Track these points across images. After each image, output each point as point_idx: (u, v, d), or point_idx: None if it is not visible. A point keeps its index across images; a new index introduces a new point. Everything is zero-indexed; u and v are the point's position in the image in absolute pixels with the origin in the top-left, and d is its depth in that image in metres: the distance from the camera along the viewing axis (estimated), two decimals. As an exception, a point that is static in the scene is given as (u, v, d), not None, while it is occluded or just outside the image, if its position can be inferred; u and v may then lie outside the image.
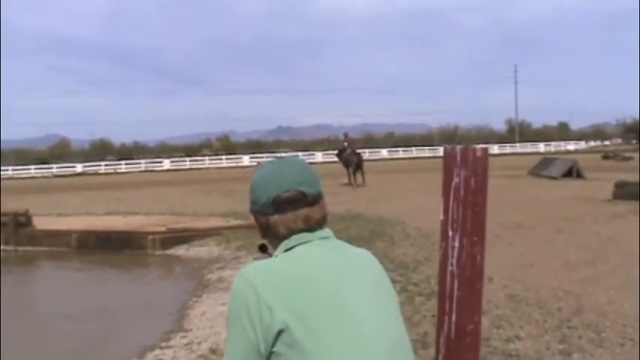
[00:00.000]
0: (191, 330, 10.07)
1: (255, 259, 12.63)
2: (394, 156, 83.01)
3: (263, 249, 2.31)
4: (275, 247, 2.20)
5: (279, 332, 1.92)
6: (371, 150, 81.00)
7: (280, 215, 2.15)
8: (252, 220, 2.27)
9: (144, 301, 13.14)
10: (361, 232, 16.08)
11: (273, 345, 1.93)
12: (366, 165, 33.75)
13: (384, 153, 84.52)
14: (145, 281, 15.45)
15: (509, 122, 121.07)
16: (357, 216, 19.27)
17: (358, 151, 34.03)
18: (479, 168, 2.25)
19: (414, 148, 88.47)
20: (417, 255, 12.93)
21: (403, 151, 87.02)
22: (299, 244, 2.12)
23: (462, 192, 2.25)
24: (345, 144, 33.69)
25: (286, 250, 2.13)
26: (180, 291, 13.42)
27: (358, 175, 32.43)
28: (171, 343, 9.50)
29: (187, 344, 9.26)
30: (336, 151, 34.88)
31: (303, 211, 2.15)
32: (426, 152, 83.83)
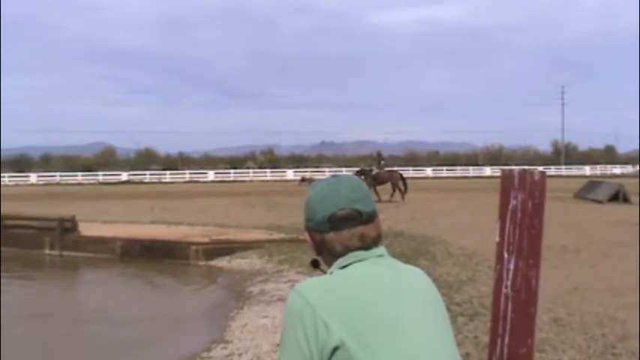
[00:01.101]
0: (232, 341, 10.07)
1: (298, 273, 12.70)
2: (438, 174, 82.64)
3: (315, 264, 2.33)
4: (329, 264, 2.21)
5: (335, 349, 1.93)
6: (414, 168, 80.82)
7: (336, 233, 2.15)
8: (306, 237, 2.28)
9: (185, 310, 13.20)
10: (404, 250, 16.00)
11: None
12: (409, 183, 33.73)
13: (428, 171, 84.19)
14: (187, 291, 15.52)
15: (554, 144, 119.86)
16: (400, 233, 19.18)
17: (388, 169, 34.56)
18: (536, 191, 2.24)
19: (458, 168, 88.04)
20: (460, 275, 12.84)
21: (447, 169, 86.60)
22: (354, 262, 2.13)
23: (518, 214, 2.25)
24: (382, 162, 34.19)
25: (341, 268, 2.14)
26: (221, 302, 13.46)
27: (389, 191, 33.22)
28: (212, 353, 9.52)
29: (228, 355, 9.27)
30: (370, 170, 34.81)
31: (359, 229, 2.15)
32: (470, 172, 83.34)
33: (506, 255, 2.28)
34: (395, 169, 33.63)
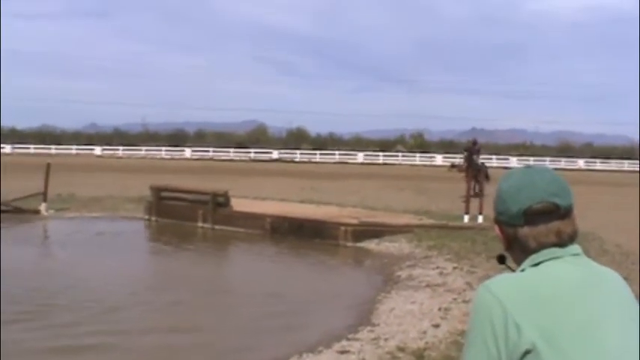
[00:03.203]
0: (379, 325, 9.98)
1: (447, 260, 12.46)
2: (591, 167, 79.75)
3: (501, 260, 2.16)
4: (519, 260, 2.04)
5: (526, 352, 1.79)
6: (567, 159, 78.34)
7: (531, 228, 1.99)
8: (496, 230, 2.12)
9: (333, 290, 13.21)
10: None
11: None
12: (562, 175, 32.49)
13: (581, 163, 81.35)
14: (335, 271, 15.58)
15: None
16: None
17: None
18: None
19: (612, 161, 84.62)
20: (616, 273, 12.25)
21: (600, 162, 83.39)
22: (548, 260, 1.96)
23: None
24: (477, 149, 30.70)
25: (533, 265, 1.97)
26: (368, 285, 13.41)
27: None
28: (358, 335, 9.45)
29: (374, 339, 9.18)
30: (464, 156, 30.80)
31: (555, 225, 1.98)
32: (625, 166, 79.90)
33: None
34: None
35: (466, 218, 19.71)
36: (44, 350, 8.97)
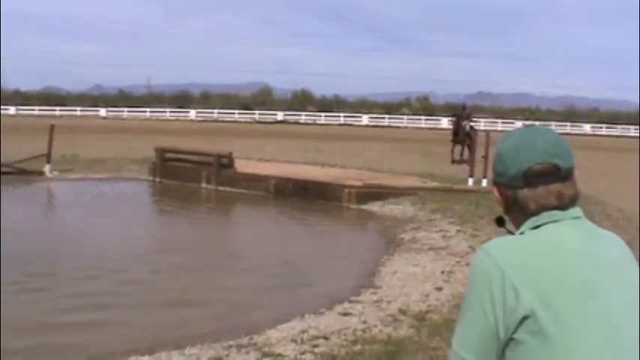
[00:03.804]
0: (381, 287, 9.98)
1: (450, 223, 12.45)
2: (597, 132, 79.39)
3: (500, 222, 2.11)
4: (518, 223, 1.99)
5: (524, 318, 1.76)
6: (572, 124, 78.03)
7: (531, 189, 1.93)
8: (495, 192, 2.06)
9: (335, 252, 13.21)
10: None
11: (515, 331, 1.78)
12: (567, 139, 32.28)
13: (587, 128, 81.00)
14: (339, 233, 15.58)
15: None
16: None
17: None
18: None
19: (618, 126, 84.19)
20: (619, 238, 12.23)
21: (607, 128, 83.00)
22: (548, 223, 1.91)
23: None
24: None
25: (533, 228, 1.92)
26: (372, 247, 13.41)
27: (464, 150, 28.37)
28: (360, 298, 9.46)
29: (376, 301, 9.18)
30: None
31: (556, 186, 1.92)
32: (630, 131, 79.44)
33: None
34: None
35: (470, 181, 19.68)
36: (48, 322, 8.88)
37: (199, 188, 20.85)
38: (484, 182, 18.69)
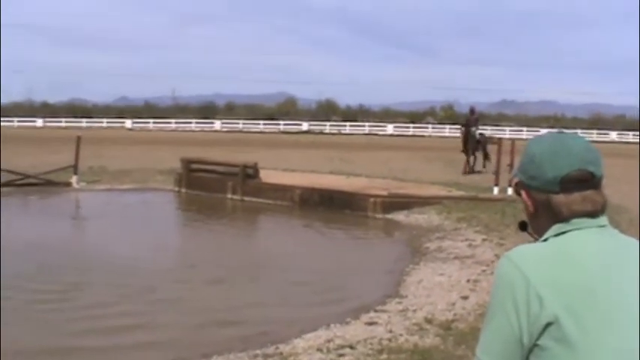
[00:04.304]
0: (407, 297, 9.98)
1: (476, 232, 12.40)
2: (623, 139, 78.74)
3: (523, 227, 2.09)
4: (543, 228, 1.97)
5: (548, 325, 1.76)
6: (599, 132, 77.47)
7: (566, 195, 1.91)
8: (523, 196, 2.03)
9: (362, 262, 13.21)
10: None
11: (539, 338, 1.78)
12: (595, 146, 31.89)
13: (613, 136, 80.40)
14: (365, 243, 15.59)
15: None
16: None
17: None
18: None
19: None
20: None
21: (633, 135, 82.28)
22: (574, 230, 1.90)
23: None
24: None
25: (557, 235, 1.91)
26: (397, 256, 13.41)
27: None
28: (386, 307, 9.46)
29: (402, 310, 9.19)
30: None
31: (589, 194, 1.92)
32: (657, 139, 78.68)
33: None
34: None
35: (496, 190, 19.59)
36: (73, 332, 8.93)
37: (225, 199, 20.90)
38: (509, 191, 18.60)
